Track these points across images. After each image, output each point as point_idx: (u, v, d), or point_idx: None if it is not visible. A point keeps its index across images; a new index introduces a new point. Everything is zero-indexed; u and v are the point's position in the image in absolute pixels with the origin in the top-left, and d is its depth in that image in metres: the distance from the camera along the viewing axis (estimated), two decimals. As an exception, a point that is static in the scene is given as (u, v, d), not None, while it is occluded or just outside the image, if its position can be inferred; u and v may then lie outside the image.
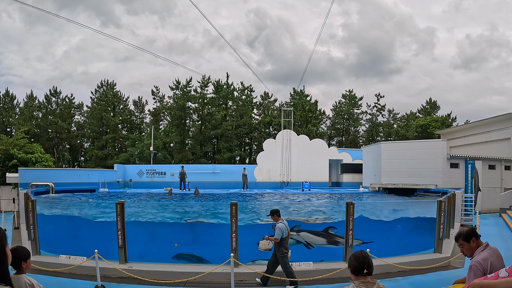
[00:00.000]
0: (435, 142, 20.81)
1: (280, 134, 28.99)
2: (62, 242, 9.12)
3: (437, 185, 18.87)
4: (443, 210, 9.81)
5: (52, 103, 44.42)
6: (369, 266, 2.70)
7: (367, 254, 2.77)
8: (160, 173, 27.89)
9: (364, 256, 2.73)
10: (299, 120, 42.74)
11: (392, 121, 48.38)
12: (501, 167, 21.27)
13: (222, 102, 43.79)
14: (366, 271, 2.68)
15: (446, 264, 8.73)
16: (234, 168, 30.82)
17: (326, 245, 8.86)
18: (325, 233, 8.85)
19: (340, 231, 8.79)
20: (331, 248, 8.91)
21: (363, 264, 2.69)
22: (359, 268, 2.69)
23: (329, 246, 8.89)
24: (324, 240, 8.87)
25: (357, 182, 27.12)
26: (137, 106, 47.32)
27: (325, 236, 8.86)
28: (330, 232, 8.88)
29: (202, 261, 8.54)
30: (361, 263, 2.69)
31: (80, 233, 9.29)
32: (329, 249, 8.90)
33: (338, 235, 8.86)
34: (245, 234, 8.30)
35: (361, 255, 2.73)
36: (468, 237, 3.33)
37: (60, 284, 7.34)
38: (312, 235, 8.81)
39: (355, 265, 2.71)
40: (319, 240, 8.81)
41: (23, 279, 2.86)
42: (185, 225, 9.44)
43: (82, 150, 47.87)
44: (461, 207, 15.66)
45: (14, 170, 20.78)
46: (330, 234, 8.89)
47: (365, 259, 2.71)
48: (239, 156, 43.75)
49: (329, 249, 8.90)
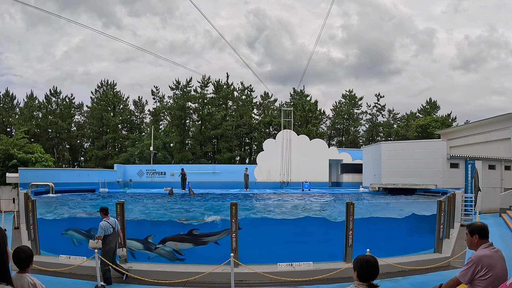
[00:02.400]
0: (435, 142, 20.81)
1: (280, 134, 28.98)
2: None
3: (437, 185, 18.87)
4: (443, 210, 9.81)
5: (52, 103, 44.40)
6: (376, 275, 2.70)
7: (377, 264, 2.73)
8: (160, 173, 27.89)
9: (376, 267, 2.69)
10: (299, 120, 42.73)
11: (392, 121, 48.37)
12: (501, 167, 21.26)
13: (222, 102, 43.77)
14: (372, 281, 2.67)
15: (446, 264, 8.73)
16: (234, 168, 30.83)
17: (194, 247, 8.72)
18: (190, 236, 8.69)
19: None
20: (330, 248, 8.88)
21: (373, 275, 2.67)
22: (368, 278, 2.66)
23: (198, 247, 8.72)
24: (190, 244, 8.70)
25: (357, 182, 27.12)
26: (137, 106, 47.31)
27: (191, 239, 8.68)
28: (195, 233, 8.71)
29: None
30: (371, 274, 2.66)
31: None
32: (327, 248, 8.87)
33: (204, 234, 8.76)
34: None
35: (373, 266, 2.68)
36: (473, 232, 3.48)
37: (60, 284, 7.34)
38: (179, 242, 8.65)
39: (365, 273, 2.67)
40: (186, 245, 8.67)
41: (26, 279, 2.87)
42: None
43: (82, 150, 47.87)
44: (461, 207, 15.65)
45: (14, 170, 20.77)
46: (195, 235, 8.71)
47: (376, 270, 2.68)
48: (239, 156, 43.74)
49: (328, 248, 8.88)
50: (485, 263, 3.19)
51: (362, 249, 7.36)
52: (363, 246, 7.73)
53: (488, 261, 3.20)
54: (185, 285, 7.35)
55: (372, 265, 2.67)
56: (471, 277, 3.23)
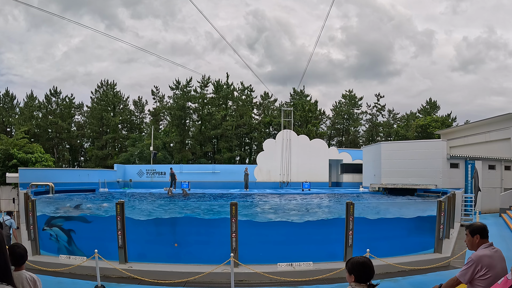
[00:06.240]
0: (435, 142, 20.80)
1: (280, 134, 28.98)
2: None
3: (437, 185, 18.87)
4: (443, 210, 9.80)
5: (52, 103, 44.41)
6: (373, 274, 2.69)
7: (372, 263, 2.73)
8: (160, 173, 27.88)
9: (372, 267, 2.69)
10: (299, 120, 42.73)
11: (392, 121, 48.37)
12: (501, 167, 21.26)
13: (222, 102, 43.77)
14: (369, 283, 2.66)
15: (446, 264, 8.73)
16: (234, 168, 30.82)
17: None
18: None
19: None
20: (329, 248, 8.88)
21: (371, 275, 2.67)
22: (367, 279, 2.66)
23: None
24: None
25: (357, 182, 27.11)
26: (137, 106, 47.31)
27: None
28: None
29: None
30: (370, 274, 2.66)
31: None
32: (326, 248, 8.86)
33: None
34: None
35: (370, 267, 2.68)
36: (474, 232, 3.45)
37: (60, 284, 7.34)
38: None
39: (363, 275, 2.66)
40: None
41: (24, 275, 2.90)
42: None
43: (82, 150, 47.87)
44: (461, 207, 15.65)
45: (14, 170, 20.75)
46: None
47: (373, 270, 2.68)
48: (239, 156, 43.74)
49: (327, 248, 8.87)
50: (485, 263, 3.19)
51: (362, 249, 7.38)
52: (363, 246, 7.76)
53: (488, 261, 3.20)
54: (185, 285, 7.35)
55: (369, 265, 2.68)
56: (471, 277, 3.24)
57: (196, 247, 8.80)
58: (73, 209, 10.91)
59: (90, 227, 9.40)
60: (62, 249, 9.19)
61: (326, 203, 16.18)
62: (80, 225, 9.51)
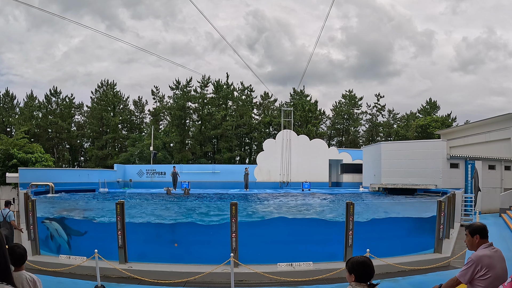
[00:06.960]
0: (435, 142, 20.80)
1: (280, 134, 28.98)
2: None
3: (437, 185, 18.86)
4: (443, 210, 9.80)
5: (52, 103, 44.39)
6: (374, 273, 2.70)
7: (372, 262, 2.74)
8: (160, 173, 27.88)
9: (372, 266, 2.70)
10: (299, 120, 42.72)
11: (392, 121, 48.36)
12: (501, 167, 21.25)
13: (222, 102, 43.76)
14: (369, 282, 2.67)
15: (446, 264, 8.73)
16: (234, 168, 30.81)
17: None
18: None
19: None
20: (327, 247, 8.88)
21: (372, 275, 2.68)
22: (367, 278, 2.67)
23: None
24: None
25: (357, 182, 27.11)
26: (137, 106, 47.30)
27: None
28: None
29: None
30: (370, 274, 2.67)
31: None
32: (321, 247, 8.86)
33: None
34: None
35: (370, 266, 2.69)
36: (474, 232, 3.44)
37: (60, 284, 7.33)
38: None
39: (364, 274, 2.66)
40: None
41: (24, 275, 2.90)
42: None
43: (82, 150, 47.85)
44: (461, 207, 15.64)
45: (14, 170, 20.75)
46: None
47: (373, 269, 2.69)
48: (239, 156, 43.73)
49: (327, 248, 8.88)
50: (485, 263, 3.19)
51: (362, 249, 7.38)
52: (363, 246, 7.75)
53: (488, 261, 3.20)
54: (185, 285, 7.35)
55: (369, 265, 2.70)
56: (470, 277, 3.23)
57: (196, 247, 8.80)
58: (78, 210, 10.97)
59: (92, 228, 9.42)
60: (62, 246, 9.22)
61: (326, 203, 16.19)
62: (81, 225, 9.52)
